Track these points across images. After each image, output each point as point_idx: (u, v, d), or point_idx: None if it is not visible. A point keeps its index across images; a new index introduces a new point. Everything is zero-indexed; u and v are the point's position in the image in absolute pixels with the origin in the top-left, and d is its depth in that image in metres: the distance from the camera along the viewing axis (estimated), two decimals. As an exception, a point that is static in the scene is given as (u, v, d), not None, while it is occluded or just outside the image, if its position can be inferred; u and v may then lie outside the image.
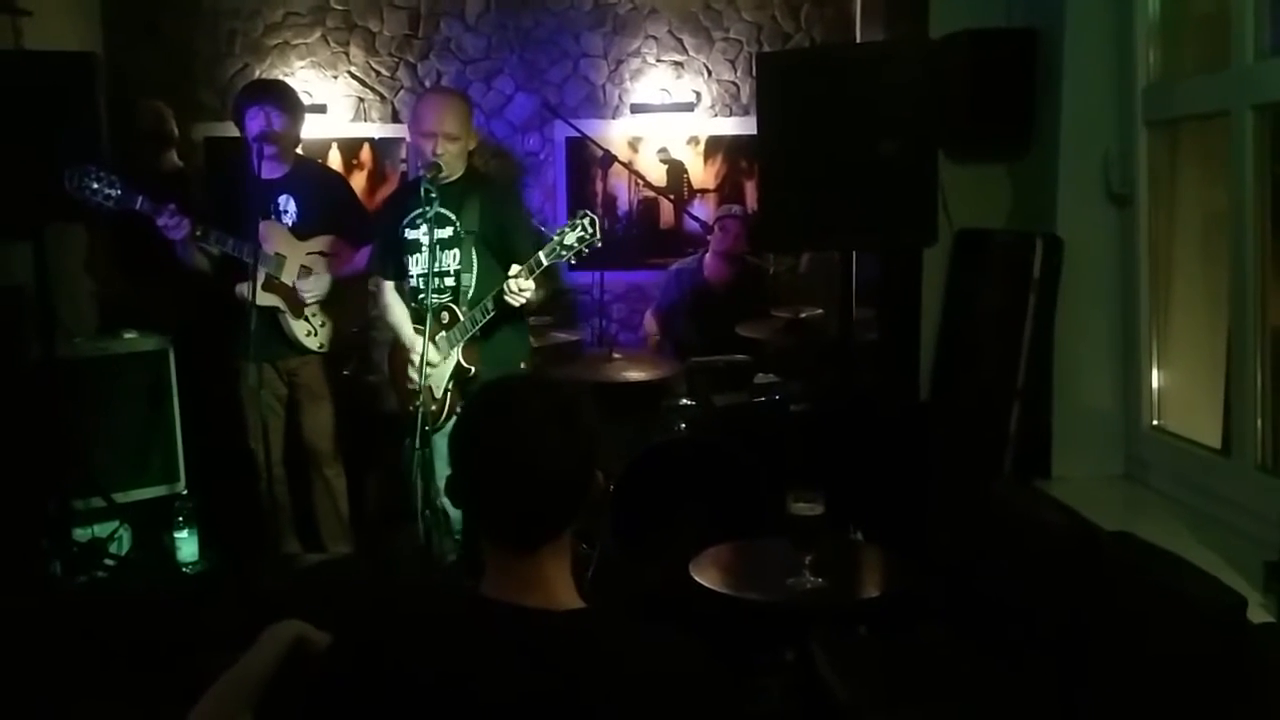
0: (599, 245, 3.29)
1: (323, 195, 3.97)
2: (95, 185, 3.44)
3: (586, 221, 3.25)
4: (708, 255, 5.00)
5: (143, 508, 4.02)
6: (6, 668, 2.64)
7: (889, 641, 2.90)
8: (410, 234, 3.56)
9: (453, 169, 3.50)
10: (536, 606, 1.37)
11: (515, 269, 3.33)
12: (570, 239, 3.26)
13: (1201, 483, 2.82)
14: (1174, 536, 2.58)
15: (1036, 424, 3.26)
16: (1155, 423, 3.12)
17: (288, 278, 3.83)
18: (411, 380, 3.51)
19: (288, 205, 3.88)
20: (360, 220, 4.03)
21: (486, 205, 3.53)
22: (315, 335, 3.92)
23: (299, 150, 4.05)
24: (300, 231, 3.88)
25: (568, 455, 1.38)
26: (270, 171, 3.84)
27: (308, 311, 3.88)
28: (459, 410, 3.45)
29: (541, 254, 3.30)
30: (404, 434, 3.51)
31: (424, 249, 3.45)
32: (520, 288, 3.33)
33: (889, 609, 2.83)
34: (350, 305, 4.07)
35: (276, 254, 3.80)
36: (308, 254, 3.88)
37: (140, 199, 3.53)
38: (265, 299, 3.73)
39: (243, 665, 1.44)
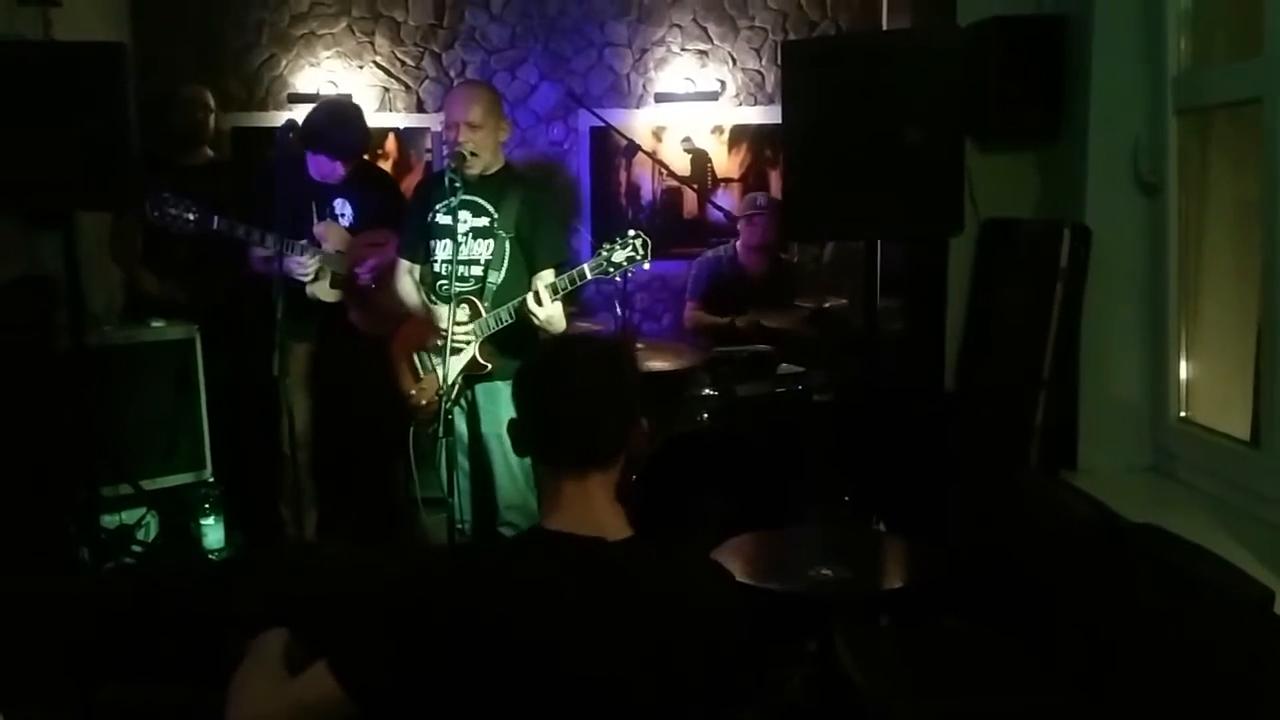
0: (646, 269, 3.26)
1: (376, 196, 4.10)
2: (174, 211, 3.66)
3: (639, 243, 3.18)
4: (738, 247, 4.99)
5: (170, 495, 4.05)
6: (33, 650, 2.68)
7: (912, 632, 2.90)
8: (442, 219, 3.45)
9: (485, 160, 3.44)
10: (591, 535, 1.58)
11: (543, 283, 3.26)
12: (619, 256, 3.19)
13: (1229, 475, 2.79)
14: (1201, 529, 2.55)
15: (1063, 415, 3.23)
16: (1183, 414, 3.09)
17: (346, 270, 3.95)
18: (420, 369, 3.59)
19: (344, 209, 4.01)
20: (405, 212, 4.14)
21: (525, 205, 3.47)
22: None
23: None
24: (354, 229, 4.01)
25: (610, 390, 1.63)
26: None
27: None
28: (463, 402, 3.48)
29: (586, 267, 3.22)
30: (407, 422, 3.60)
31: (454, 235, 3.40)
32: (545, 315, 3.26)
33: (912, 600, 2.83)
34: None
35: (337, 252, 3.92)
36: (362, 246, 3.98)
37: (216, 219, 3.70)
38: (330, 295, 3.90)
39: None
